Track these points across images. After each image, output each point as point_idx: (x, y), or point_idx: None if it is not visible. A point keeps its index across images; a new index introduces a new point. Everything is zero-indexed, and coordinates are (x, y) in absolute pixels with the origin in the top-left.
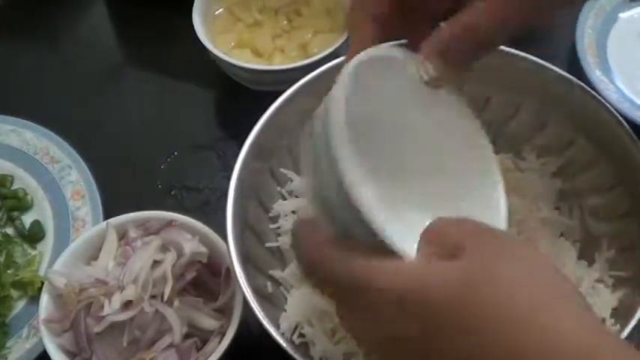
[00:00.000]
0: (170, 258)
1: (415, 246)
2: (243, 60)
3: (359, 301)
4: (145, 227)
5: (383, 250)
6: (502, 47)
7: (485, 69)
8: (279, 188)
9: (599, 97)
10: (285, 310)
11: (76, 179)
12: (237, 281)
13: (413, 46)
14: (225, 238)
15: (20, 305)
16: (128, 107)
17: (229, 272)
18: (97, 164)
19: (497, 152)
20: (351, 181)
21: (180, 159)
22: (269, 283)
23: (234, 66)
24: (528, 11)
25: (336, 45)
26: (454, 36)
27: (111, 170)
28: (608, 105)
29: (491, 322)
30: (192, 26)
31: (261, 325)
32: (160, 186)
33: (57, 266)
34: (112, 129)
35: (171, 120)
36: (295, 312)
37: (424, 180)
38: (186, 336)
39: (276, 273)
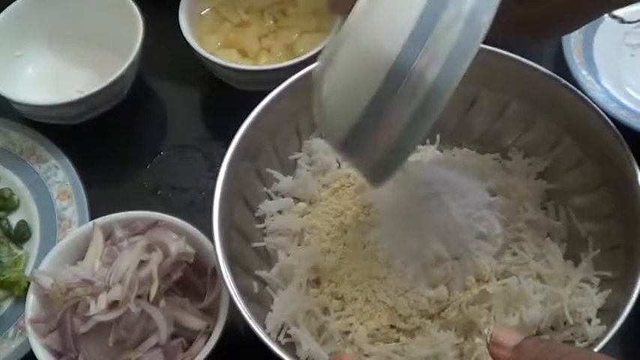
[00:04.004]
0: (156, 258)
1: None
2: (229, 60)
3: None
4: (131, 227)
5: None
6: (490, 47)
7: (473, 69)
8: (265, 188)
9: (586, 98)
10: (271, 311)
11: (63, 179)
12: (224, 281)
13: None
14: (211, 238)
15: (6, 305)
16: (115, 107)
17: (215, 272)
18: (83, 164)
19: (483, 152)
20: None
21: (167, 159)
22: (255, 284)
23: (221, 66)
24: None
25: (323, 45)
26: None
27: (97, 170)
28: (594, 105)
29: None
30: (179, 26)
31: (247, 325)
32: (146, 186)
33: (43, 266)
34: (98, 129)
35: (158, 120)
36: (281, 312)
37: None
38: (173, 336)
39: (263, 273)
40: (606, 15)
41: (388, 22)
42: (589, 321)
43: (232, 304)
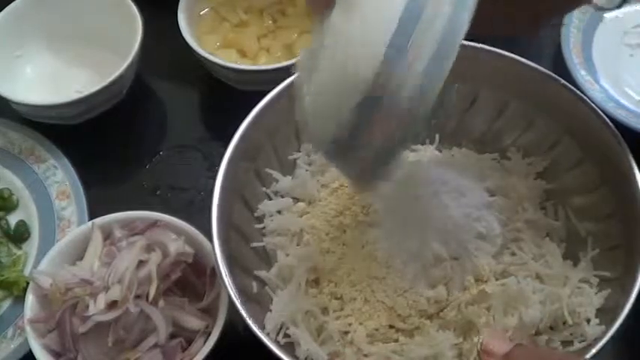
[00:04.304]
0: (155, 258)
1: None
2: (228, 60)
3: None
4: (130, 227)
5: None
6: (489, 47)
7: (472, 69)
8: (264, 188)
9: (585, 97)
10: (270, 311)
11: (62, 179)
12: (223, 281)
13: None
14: (210, 238)
15: (5, 305)
16: (114, 107)
17: (214, 272)
18: (83, 164)
19: (482, 152)
20: None
21: (166, 159)
22: (254, 283)
23: (220, 66)
24: None
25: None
26: None
27: (96, 170)
28: (593, 105)
29: None
30: (178, 26)
31: (246, 325)
32: (145, 186)
33: (42, 266)
34: (97, 129)
35: (157, 120)
36: (280, 312)
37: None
38: (172, 336)
39: (262, 273)
40: (605, 15)
41: (365, 33)
42: (588, 321)
43: (231, 304)
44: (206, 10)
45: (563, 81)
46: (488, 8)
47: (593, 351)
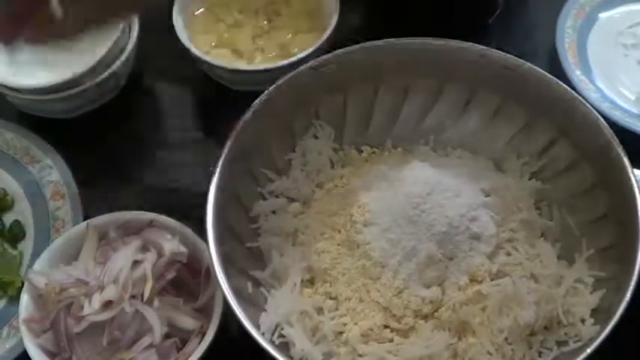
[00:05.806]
0: (150, 258)
1: None
2: (223, 60)
3: None
4: (125, 227)
5: None
6: (484, 48)
7: (467, 69)
8: (259, 188)
9: (580, 98)
10: (265, 311)
11: (56, 179)
12: (217, 281)
13: None
14: (205, 238)
15: (0, 305)
16: (109, 107)
17: (209, 272)
18: (78, 164)
19: (477, 152)
20: None
21: (161, 159)
22: (249, 284)
23: (215, 66)
24: None
25: (316, 45)
26: None
27: (91, 170)
28: (588, 105)
29: None
30: (173, 26)
31: (241, 325)
32: (140, 186)
33: (37, 266)
34: (92, 129)
35: (152, 120)
36: (275, 312)
37: None
38: (167, 336)
39: (256, 273)
40: (600, 15)
41: None
42: (583, 321)
43: (226, 304)
44: (201, 10)
45: (558, 81)
46: None
47: (588, 351)
